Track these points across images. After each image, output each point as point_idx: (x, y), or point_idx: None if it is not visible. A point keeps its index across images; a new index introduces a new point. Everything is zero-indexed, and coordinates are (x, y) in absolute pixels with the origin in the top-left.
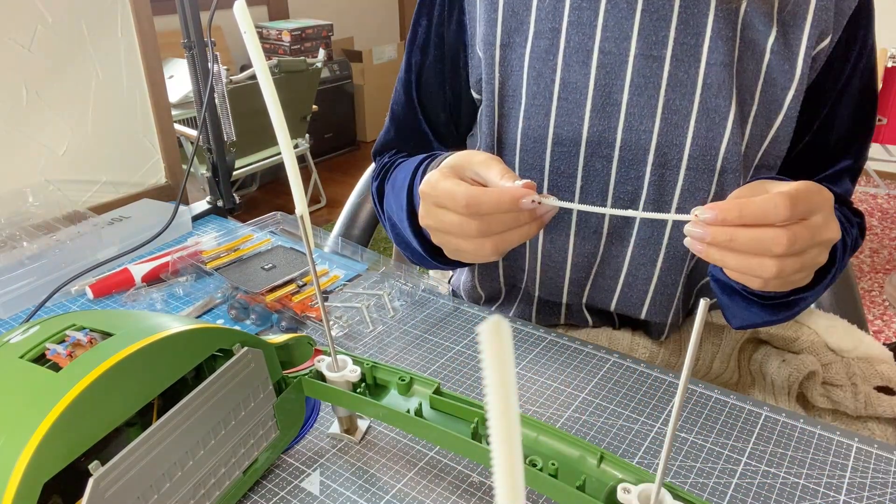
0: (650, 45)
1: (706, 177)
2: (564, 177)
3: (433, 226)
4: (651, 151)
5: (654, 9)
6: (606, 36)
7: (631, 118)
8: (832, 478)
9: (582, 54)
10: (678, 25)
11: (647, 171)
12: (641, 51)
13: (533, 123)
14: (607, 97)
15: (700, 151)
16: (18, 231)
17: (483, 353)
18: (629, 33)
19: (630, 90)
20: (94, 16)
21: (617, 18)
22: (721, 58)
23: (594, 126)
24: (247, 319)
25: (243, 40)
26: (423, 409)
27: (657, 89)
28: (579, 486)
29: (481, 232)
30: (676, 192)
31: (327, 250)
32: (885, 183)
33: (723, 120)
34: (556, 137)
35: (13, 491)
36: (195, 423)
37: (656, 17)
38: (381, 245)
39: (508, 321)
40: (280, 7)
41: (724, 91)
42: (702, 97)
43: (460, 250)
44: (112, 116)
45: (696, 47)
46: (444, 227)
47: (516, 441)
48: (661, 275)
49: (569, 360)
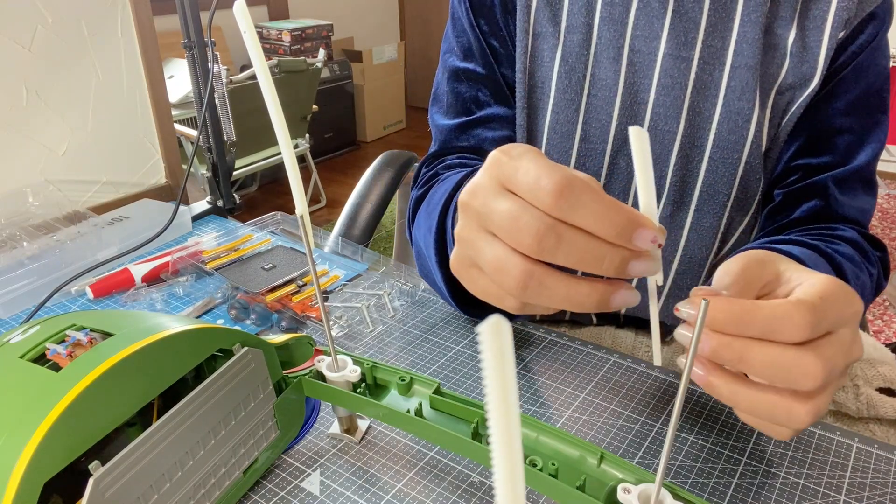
0: (679, 46)
1: (727, 179)
2: (589, 173)
3: (465, 236)
4: (674, 153)
5: (685, 10)
6: (637, 34)
7: (656, 118)
8: (832, 478)
9: (613, 51)
10: (707, 28)
11: (669, 171)
12: (670, 51)
13: (562, 118)
14: (635, 95)
15: (721, 154)
16: (18, 231)
17: (483, 353)
18: (659, 33)
19: (657, 90)
20: (94, 16)
21: (648, 17)
22: (745, 60)
23: (622, 124)
24: (247, 319)
25: (243, 40)
26: (424, 409)
27: (683, 90)
28: (579, 487)
29: (534, 251)
30: (696, 193)
31: (327, 250)
32: (885, 183)
33: (746, 122)
34: (584, 134)
35: (13, 491)
36: (195, 423)
37: (686, 19)
38: (381, 245)
39: (509, 320)
40: (280, 7)
41: (747, 94)
42: (725, 99)
43: (474, 281)
44: (112, 116)
45: (723, 50)
46: (471, 231)
47: (517, 441)
48: (676, 279)
49: (569, 360)
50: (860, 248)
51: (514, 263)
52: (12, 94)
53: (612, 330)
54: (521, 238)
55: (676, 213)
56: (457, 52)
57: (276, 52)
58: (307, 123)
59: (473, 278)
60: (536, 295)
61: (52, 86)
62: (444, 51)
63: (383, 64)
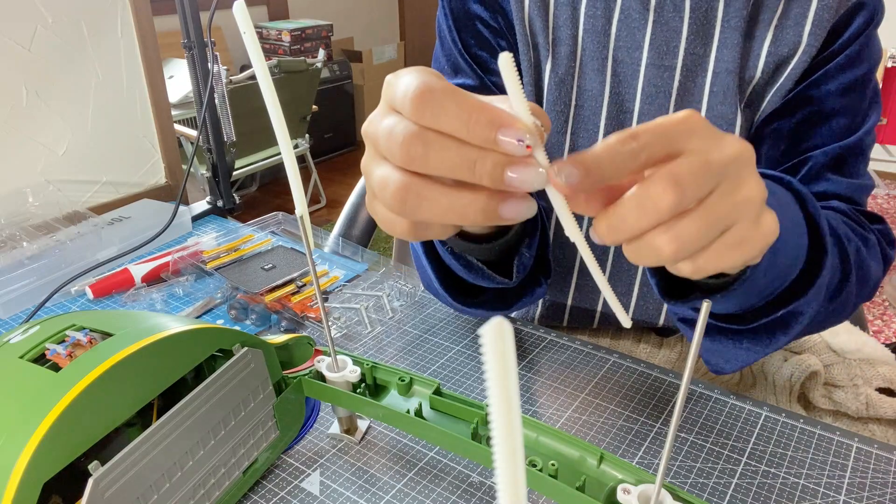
0: (661, 55)
1: None
2: None
3: (364, 166)
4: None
5: (665, 20)
6: (619, 45)
7: None
8: (832, 478)
9: (597, 62)
10: (688, 36)
11: None
12: (653, 60)
13: (552, 129)
14: (620, 105)
15: None
16: (18, 231)
17: (485, 355)
18: (641, 43)
19: (641, 98)
20: (94, 16)
21: (629, 28)
22: (726, 65)
23: (608, 133)
24: (247, 319)
25: (243, 40)
26: (423, 410)
27: (668, 98)
28: (579, 487)
29: (405, 161)
30: None
31: (327, 250)
32: (885, 183)
33: (729, 126)
34: (573, 144)
35: (13, 491)
36: (195, 423)
37: (667, 28)
38: (381, 245)
39: (509, 321)
40: (280, 7)
41: (729, 98)
42: (709, 104)
43: (375, 211)
44: (112, 116)
45: (704, 56)
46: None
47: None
48: None
49: (569, 360)
50: (850, 216)
51: (393, 178)
52: (12, 94)
53: (611, 330)
54: (392, 148)
55: None
56: (447, 71)
57: (275, 52)
58: (307, 123)
59: (374, 209)
60: (417, 208)
61: (52, 86)
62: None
63: (383, 64)
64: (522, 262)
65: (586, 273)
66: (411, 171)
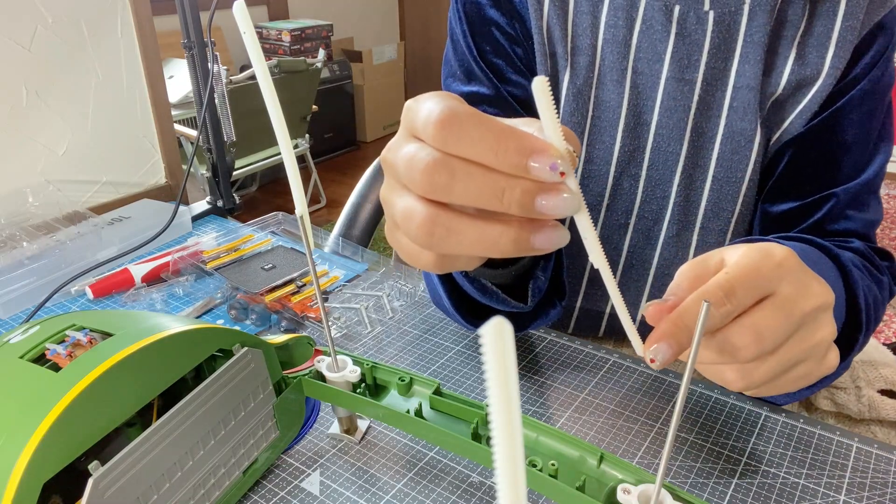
0: (682, 69)
1: (731, 198)
2: (592, 195)
3: (384, 196)
4: (678, 173)
5: (688, 32)
6: (640, 56)
7: (659, 139)
8: (832, 478)
9: (617, 73)
10: (710, 50)
11: (673, 191)
12: (673, 74)
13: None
14: (638, 117)
15: (725, 173)
16: (18, 231)
17: (485, 355)
18: (662, 55)
19: (660, 111)
20: (94, 16)
21: (651, 40)
22: (747, 81)
23: (625, 146)
24: (247, 319)
25: (243, 40)
26: (423, 410)
27: (686, 112)
28: (579, 487)
29: (427, 190)
30: (700, 211)
31: (327, 250)
32: (885, 183)
33: (749, 142)
34: (588, 155)
35: (13, 491)
36: (195, 423)
37: (689, 41)
38: (381, 245)
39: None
40: (280, 7)
41: (749, 114)
42: (728, 119)
43: (398, 243)
44: (112, 116)
45: (725, 71)
46: (388, 188)
47: (518, 441)
48: None
49: (569, 360)
50: (867, 258)
51: (419, 210)
52: (12, 94)
53: (614, 338)
54: (413, 176)
55: (682, 233)
56: (460, 77)
57: (275, 52)
58: (307, 123)
59: (397, 240)
60: (445, 241)
61: (52, 86)
62: (446, 75)
63: (383, 64)
64: (538, 285)
65: (596, 282)
66: (436, 202)
